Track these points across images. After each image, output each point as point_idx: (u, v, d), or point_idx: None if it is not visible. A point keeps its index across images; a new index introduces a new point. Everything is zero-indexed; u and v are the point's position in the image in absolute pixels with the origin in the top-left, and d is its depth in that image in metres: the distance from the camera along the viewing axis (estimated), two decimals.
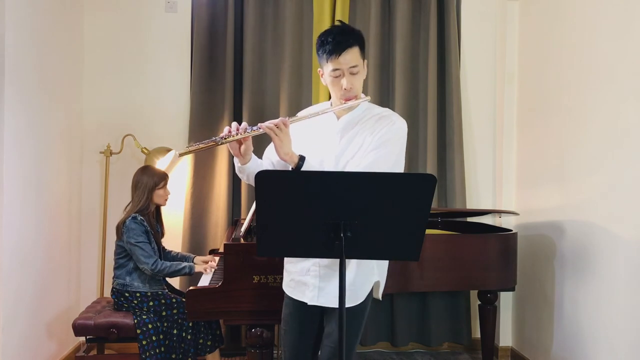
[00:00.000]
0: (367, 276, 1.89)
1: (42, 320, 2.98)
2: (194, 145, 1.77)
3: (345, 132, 1.87)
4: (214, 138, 1.76)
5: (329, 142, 1.88)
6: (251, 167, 1.87)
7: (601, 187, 2.63)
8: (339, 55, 1.77)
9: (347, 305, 1.76)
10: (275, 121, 1.76)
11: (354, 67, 1.80)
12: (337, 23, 1.92)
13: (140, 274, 2.80)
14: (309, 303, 1.85)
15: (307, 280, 1.85)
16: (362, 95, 1.88)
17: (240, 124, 1.79)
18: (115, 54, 3.52)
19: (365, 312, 1.91)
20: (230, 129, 1.78)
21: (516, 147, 3.53)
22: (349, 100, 1.83)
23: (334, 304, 1.80)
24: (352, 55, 1.79)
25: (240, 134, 1.76)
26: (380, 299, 2.02)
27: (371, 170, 1.75)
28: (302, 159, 1.78)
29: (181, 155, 1.82)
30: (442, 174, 3.62)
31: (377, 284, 1.94)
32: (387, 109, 1.95)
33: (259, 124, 1.77)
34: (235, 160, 1.88)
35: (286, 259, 1.97)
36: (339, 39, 1.77)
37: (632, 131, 2.41)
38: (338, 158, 1.85)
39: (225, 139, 1.76)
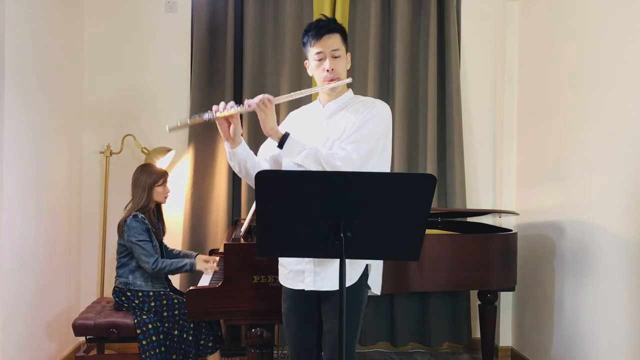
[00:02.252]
0: None
1: (42, 320, 2.98)
2: (184, 121, 1.85)
3: (332, 118, 1.96)
4: (203, 114, 1.84)
5: (317, 131, 1.95)
6: (242, 152, 1.95)
7: (601, 187, 2.63)
8: (321, 38, 1.89)
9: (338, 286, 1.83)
10: (260, 97, 1.84)
11: (335, 50, 1.91)
12: (320, 16, 1.99)
13: (142, 272, 2.80)
14: (306, 289, 1.89)
15: (304, 267, 1.90)
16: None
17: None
18: (115, 53, 3.52)
19: (363, 305, 1.93)
20: (217, 107, 1.86)
21: (516, 147, 3.53)
22: (332, 81, 1.91)
23: (330, 287, 1.87)
24: (333, 40, 1.91)
25: (227, 110, 1.84)
26: (378, 294, 2.05)
27: (357, 146, 1.82)
28: (286, 135, 1.84)
29: (171, 130, 1.87)
30: (442, 174, 3.62)
31: (369, 267, 1.95)
32: (371, 98, 2.04)
33: (245, 101, 1.87)
34: (226, 145, 1.94)
35: None
36: (321, 25, 1.91)
37: (632, 131, 2.41)
38: (324, 142, 1.91)
39: (214, 114, 1.84)
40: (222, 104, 1.87)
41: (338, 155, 1.81)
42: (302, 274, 1.91)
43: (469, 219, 3.44)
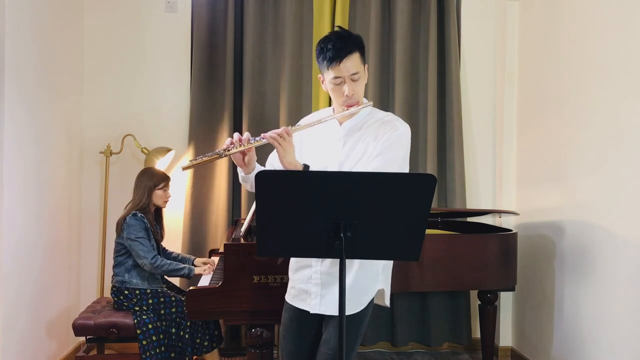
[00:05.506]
0: (371, 282, 1.86)
1: (42, 320, 2.98)
2: (197, 159, 1.76)
3: (349, 139, 1.86)
4: (217, 151, 1.75)
5: (332, 149, 1.86)
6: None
7: (601, 187, 2.63)
8: (340, 63, 1.74)
9: (347, 313, 1.70)
10: (278, 131, 1.72)
11: (355, 74, 1.77)
12: (336, 29, 1.87)
13: (139, 271, 2.81)
14: (311, 312, 1.83)
15: (309, 288, 1.83)
16: (365, 101, 1.86)
17: (242, 133, 1.77)
18: (115, 54, 3.52)
19: (365, 320, 1.87)
20: (232, 139, 1.74)
21: (516, 147, 3.53)
22: (351, 106, 1.81)
23: (334, 311, 1.79)
24: (352, 62, 1.76)
25: (243, 145, 1.73)
26: (388, 306, 1.99)
27: None
28: (306, 168, 1.76)
29: (185, 169, 1.80)
30: (442, 174, 3.62)
31: (380, 292, 1.91)
32: (390, 114, 1.93)
33: (262, 135, 1.74)
34: (239, 169, 1.85)
35: (290, 268, 1.95)
36: (338, 46, 1.74)
37: (632, 130, 2.41)
38: (341, 165, 1.83)
39: (228, 150, 1.73)
40: (236, 136, 1.74)
41: None
42: (306, 294, 1.84)
43: (469, 219, 3.44)
